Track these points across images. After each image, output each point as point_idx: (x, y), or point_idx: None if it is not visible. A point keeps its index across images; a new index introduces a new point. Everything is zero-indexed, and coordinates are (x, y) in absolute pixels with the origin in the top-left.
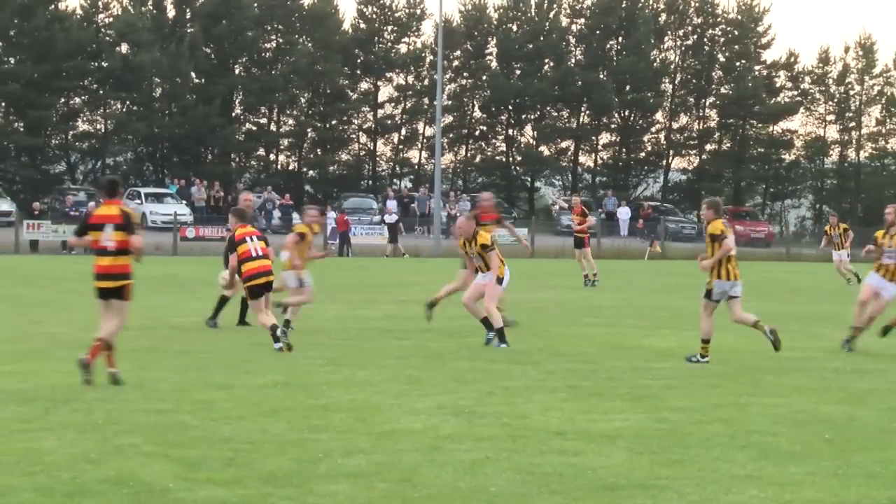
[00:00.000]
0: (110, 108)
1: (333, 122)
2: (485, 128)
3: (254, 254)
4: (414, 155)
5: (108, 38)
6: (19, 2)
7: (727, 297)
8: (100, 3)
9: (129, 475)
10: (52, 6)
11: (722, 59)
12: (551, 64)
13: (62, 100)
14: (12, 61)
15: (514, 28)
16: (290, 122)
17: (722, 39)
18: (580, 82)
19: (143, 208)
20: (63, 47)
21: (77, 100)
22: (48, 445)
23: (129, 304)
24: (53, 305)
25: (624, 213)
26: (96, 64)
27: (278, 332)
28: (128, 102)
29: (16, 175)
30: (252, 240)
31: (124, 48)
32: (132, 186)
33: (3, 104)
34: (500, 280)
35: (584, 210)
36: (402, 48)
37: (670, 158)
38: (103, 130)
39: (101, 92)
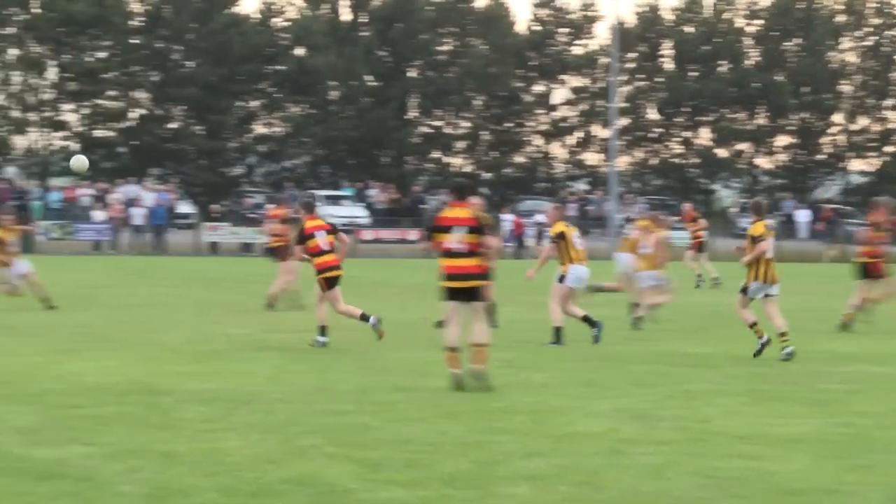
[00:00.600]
0: (287, 112)
1: (508, 125)
2: (660, 130)
3: (324, 248)
4: (589, 157)
5: (283, 42)
6: (197, 6)
7: (763, 295)
8: (275, 7)
9: (312, 476)
10: (229, 10)
11: None
12: (727, 65)
13: (240, 103)
14: (191, 65)
15: (690, 29)
16: (465, 124)
17: None
18: (757, 83)
19: (319, 211)
20: (240, 51)
21: (254, 103)
22: (231, 446)
23: (484, 304)
24: (233, 307)
25: (803, 215)
26: (272, 68)
27: (372, 321)
28: (304, 105)
29: (195, 178)
30: (321, 234)
31: (300, 51)
32: (308, 189)
33: (183, 107)
34: (562, 278)
35: (696, 216)
36: (577, 50)
37: (849, 161)
38: (280, 133)
39: (278, 95)
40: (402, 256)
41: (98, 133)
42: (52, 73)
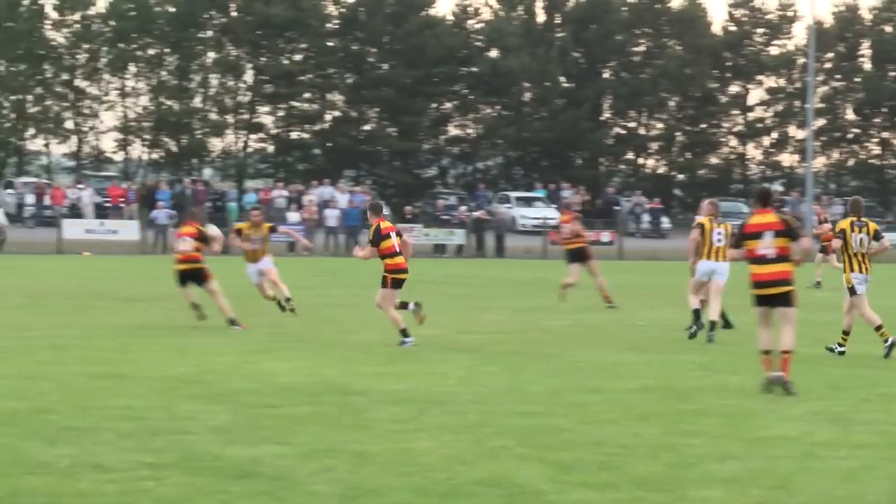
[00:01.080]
0: (480, 113)
1: (703, 126)
2: (858, 130)
3: (397, 249)
4: (785, 158)
5: (477, 44)
6: (392, 9)
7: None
8: (470, 9)
9: (503, 477)
10: (424, 12)
11: None
12: None
13: (433, 105)
14: (385, 67)
15: (888, 28)
16: (659, 125)
17: None
18: None
19: (512, 212)
20: (434, 53)
21: (448, 105)
22: (423, 446)
23: (796, 310)
24: (427, 308)
25: None
26: (466, 69)
27: (410, 306)
28: (497, 107)
29: (389, 179)
30: (395, 235)
31: (494, 53)
32: (501, 190)
33: (377, 109)
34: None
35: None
36: (773, 50)
37: None
38: (474, 135)
39: (472, 97)
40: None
41: (293, 135)
42: (248, 76)
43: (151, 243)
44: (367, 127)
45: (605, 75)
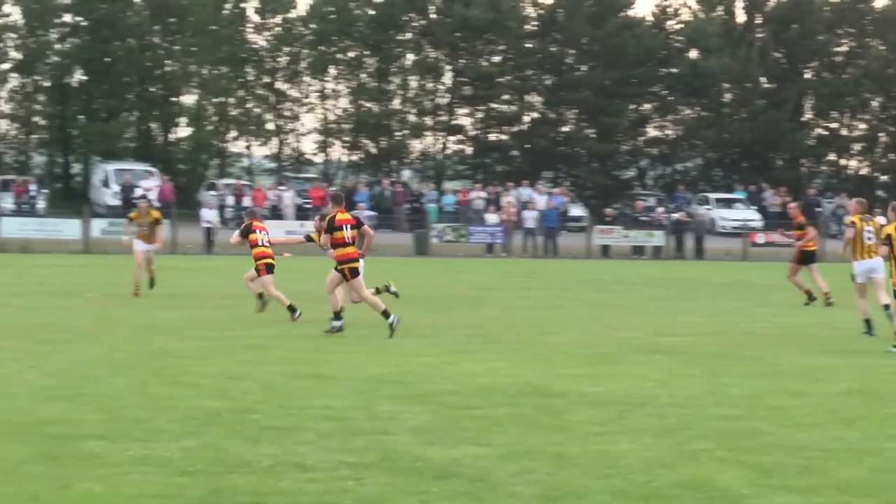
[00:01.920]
0: (679, 114)
1: None
2: None
3: (347, 240)
4: None
5: (677, 44)
6: (591, 10)
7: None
8: (670, 10)
9: (704, 480)
10: (623, 13)
11: None
12: None
13: (632, 106)
14: (584, 68)
15: None
16: (862, 126)
17: None
18: None
19: (711, 214)
20: (633, 54)
21: (647, 106)
22: (623, 448)
23: None
24: (625, 310)
25: None
26: (666, 70)
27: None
28: (697, 108)
29: (587, 181)
30: (348, 228)
31: (693, 54)
32: (701, 192)
33: (576, 111)
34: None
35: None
36: None
37: None
38: (673, 136)
39: (671, 98)
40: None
41: (491, 136)
42: (447, 78)
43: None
44: (565, 128)
45: (807, 76)
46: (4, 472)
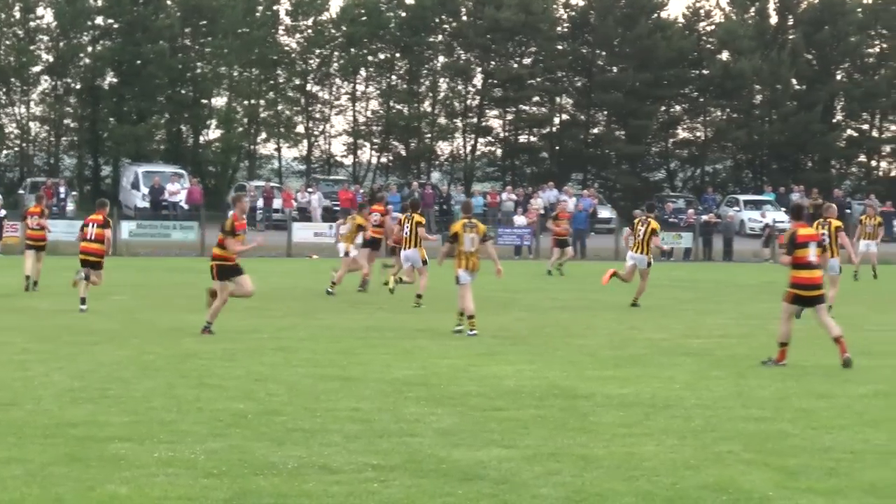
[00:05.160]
0: (710, 116)
1: None
2: None
3: (90, 237)
4: None
5: (708, 46)
6: (623, 11)
7: None
8: (702, 12)
9: (729, 482)
10: (655, 15)
11: None
12: None
13: (662, 108)
14: (615, 70)
15: None
16: (893, 127)
17: None
18: None
19: (741, 215)
20: (664, 55)
21: (677, 108)
22: (648, 451)
23: None
24: (653, 312)
25: None
26: (697, 72)
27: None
28: (727, 110)
29: (616, 182)
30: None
31: (725, 56)
32: (730, 194)
33: (606, 112)
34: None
35: None
36: None
37: None
38: (703, 138)
39: (702, 100)
40: None
41: (521, 138)
42: (477, 80)
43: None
44: (595, 130)
45: (838, 77)
46: (30, 474)
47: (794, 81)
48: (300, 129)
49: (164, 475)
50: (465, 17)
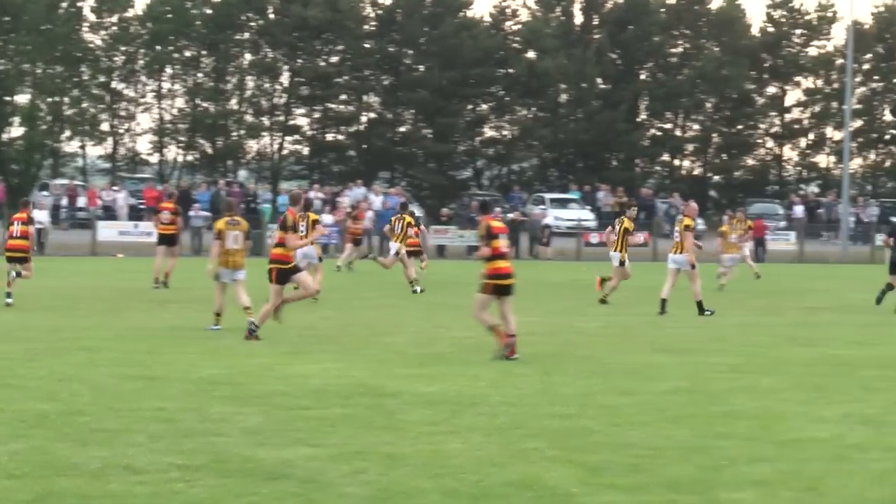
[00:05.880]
0: (516, 115)
1: (739, 127)
2: (895, 132)
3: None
4: (821, 160)
5: (514, 45)
6: (429, 10)
7: None
8: (508, 11)
9: (534, 479)
10: (461, 14)
11: None
12: None
13: (469, 106)
14: (422, 68)
15: None
16: (696, 126)
17: None
18: None
19: (546, 214)
20: (470, 54)
21: (484, 106)
22: (454, 448)
23: None
24: (460, 310)
25: None
26: (503, 71)
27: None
28: (533, 108)
29: (423, 181)
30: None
31: (530, 55)
32: (536, 192)
33: (413, 111)
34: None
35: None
36: (812, 51)
37: None
38: (509, 136)
39: (508, 98)
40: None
41: (328, 137)
42: (284, 78)
43: (188, 245)
44: (402, 129)
45: (642, 76)
46: None
47: (599, 80)
48: (105, 126)
49: None
50: (271, 15)
